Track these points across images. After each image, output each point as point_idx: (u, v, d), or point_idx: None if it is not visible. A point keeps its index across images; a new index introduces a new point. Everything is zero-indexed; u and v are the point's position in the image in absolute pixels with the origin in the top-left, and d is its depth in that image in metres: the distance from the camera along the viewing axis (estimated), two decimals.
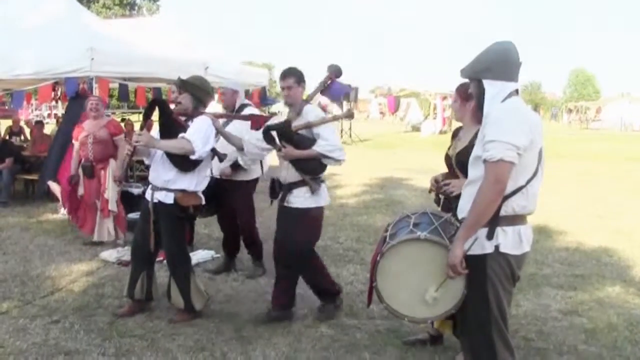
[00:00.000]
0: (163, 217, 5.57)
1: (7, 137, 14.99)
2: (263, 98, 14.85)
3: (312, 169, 5.54)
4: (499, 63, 3.54)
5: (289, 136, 5.50)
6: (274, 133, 5.58)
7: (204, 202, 5.71)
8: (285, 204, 5.65)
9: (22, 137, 15.81)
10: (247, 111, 6.83)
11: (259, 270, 7.18)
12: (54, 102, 28.67)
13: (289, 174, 5.57)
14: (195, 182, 5.57)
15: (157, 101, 5.62)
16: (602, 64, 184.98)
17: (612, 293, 6.72)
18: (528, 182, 3.46)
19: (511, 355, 3.65)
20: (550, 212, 10.32)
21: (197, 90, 5.63)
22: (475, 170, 3.56)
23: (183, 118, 5.58)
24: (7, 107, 19.68)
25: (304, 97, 5.80)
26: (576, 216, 11.01)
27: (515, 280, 3.65)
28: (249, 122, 6.47)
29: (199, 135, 5.32)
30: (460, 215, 3.67)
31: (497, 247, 3.47)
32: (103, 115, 8.47)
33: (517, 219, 3.51)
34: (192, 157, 5.29)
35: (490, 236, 3.44)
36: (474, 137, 4.42)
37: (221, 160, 5.94)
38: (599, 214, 11.31)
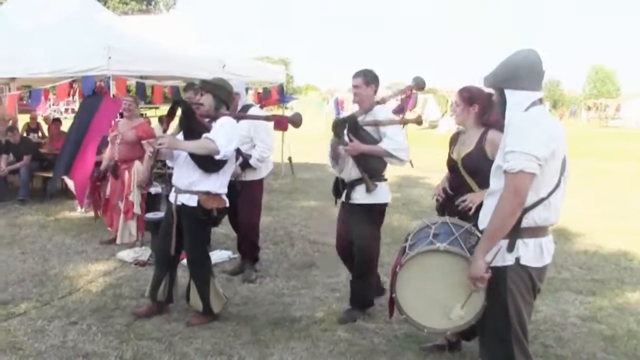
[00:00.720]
0: (186, 220, 5.56)
1: (25, 134, 15.06)
2: (281, 95, 14.79)
3: (373, 168, 5.58)
4: (521, 73, 3.48)
5: (356, 129, 5.56)
6: (342, 125, 5.66)
7: (227, 205, 5.69)
8: (350, 201, 5.71)
9: (40, 134, 15.85)
10: (251, 112, 6.82)
11: (252, 275, 7.09)
12: (71, 98, 28.85)
13: (353, 172, 5.66)
14: (219, 184, 5.54)
15: (179, 102, 5.59)
16: (622, 60, 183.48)
17: (631, 299, 6.66)
18: (550, 194, 3.41)
19: None
20: (569, 214, 10.21)
21: (219, 90, 5.62)
22: (496, 181, 3.52)
23: (206, 120, 5.56)
24: (25, 102, 19.68)
25: (378, 99, 5.82)
26: (596, 218, 10.91)
27: (536, 292, 3.61)
28: (256, 122, 6.48)
29: (222, 135, 5.29)
30: (481, 226, 3.62)
31: (517, 260, 3.44)
32: (135, 115, 8.47)
33: (538, 231, 3.47)
34: (217, 157, 5.25)
35: (510, 248, 3.40)
36: (479, 140, 4.56)
37: (246, 161, 5.94)
38: (619, 215, 11.21)
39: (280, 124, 6.13)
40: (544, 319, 5.97)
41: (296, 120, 6.00)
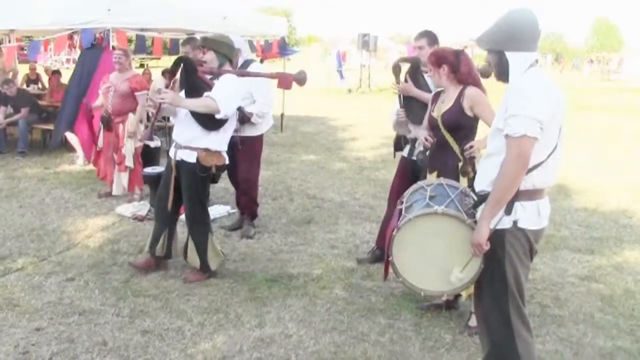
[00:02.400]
0: (185, 175, 5.53)
1: (25, 85, 14.95)
2: (282, 48, 14.63)
3: (416, 116, 5.51)
4: (520, 33, 3.39)
5: (415, 73, 5.60)
6: (402, 65, 5.72)
7: (227, 162, 5.65)
8: (412, 157, 5.65)
9: (40, 85, 15.75)
10: (252, 68, 6.72)
11: (251, 231, 7.07)
12: (71, 49, 28.62)
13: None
14: (220, 141, 5.50)
15: (182, 59, 5.51)
16: (627, 15, 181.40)
17: (630, 257, 6.66)
18: (549, 156, 3.36)
19: (527, 330, 3.59)
20: (570, 169, 10.20)
21: (221, 47, 5.57)
22: (495, 143, 3.46)
23: (209, 77, 5.49)
24: (25, 52, 19.54)
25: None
26: (596, 173, 10.89)
27: (533, 254, 3.58)
28: (258, 80, 6.40)
29: (224, 94, 5.24)
30: (477, 187, 3.58)
31: (515, 223, 3.39)
32: (128, 68, 8.36)
33: (535, 194, 3.42)
34: (218, 116, 5.21)
35: (508, 211, 3.36)
36: (458, 97, 4.73)
37: (248, 119, 5.90)
38: (621, 171, 11.18)
39: (285, 82, 6.05)
40: (542, 278, 5.96)
41: (301, 79, 5.96)
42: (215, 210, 7.71)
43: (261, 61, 12.08)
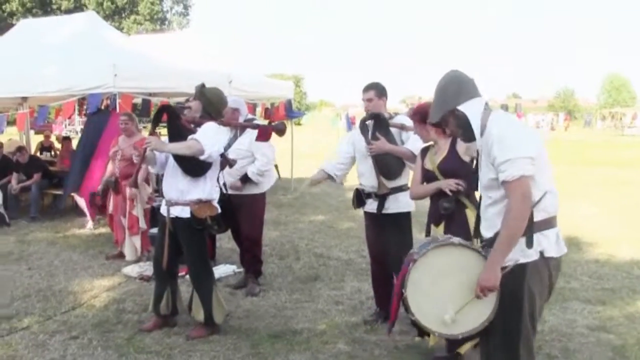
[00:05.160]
0: (182, 232, 5.56)
1: (39, 153, 15.22)
2: (289, 110, 14.80)
3: (392, 171, 5.59)
4: (458, 85, 3.54)
5: (386, 126, 5.62)
6: (369, 123, 5.69)
7: (219, 211, 5.67)
8: (384, 211, 5.72)
9: (52, 153, 16.00)
10: None
11: (256, 288, 7.05)
12: (85, 118, 29.10)
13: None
14: (208, 191, 5.53)
15: (165, 107, 5.61)
16: (637, 68, 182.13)
17: None
18: (550, 184, 3.41)
19: None
20: (580, 222, 10.15)
21: (209, 105, 5.61)
22: (493, 192, 3.49)
23: (191, 125, 5.56)
24: (43, 124, 19.96)
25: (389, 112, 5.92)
26: (607, 226, 10.78)
27: (550, 288, 3.57)
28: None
29: (207, 136, 5.28)
30: (486, 234, 3.58)
31: (542, 253, 3.39)
32: (135, 132, 8.47)
33: (552, 221, 3.44)
34: (202, 157, 5.20)
35: (529, 244, 3.35)
36: (451, 145, 4.82)
37: (231, 165, 5.95)
38: (632, 223, 11.03)
39: (264, 133, 6.14)
40: (550, 329, 5.87)
41: (280, 129, 6.05)
42: (222, 270, 7.71)
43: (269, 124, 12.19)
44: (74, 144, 13.54)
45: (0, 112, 13.70)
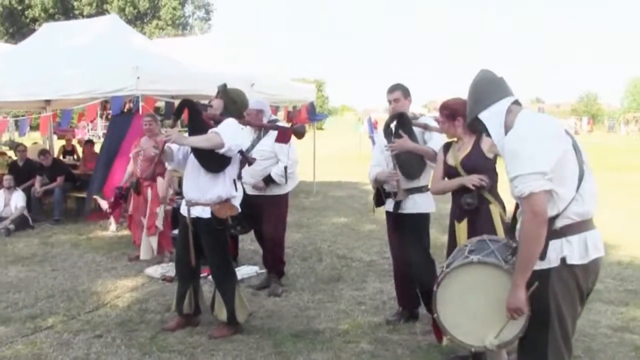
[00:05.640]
0: (204, 233, 5.59)
1: (62, 156, 15.35)
2: (311, 114, 14.81)
3: (414, 170, 5.57)
4: (478, 92, 3.49)
5: (409, 125, 5.60)
6: (393, 125, 5.68)
7: (239, 211, 5.69)
8: (400, 211, 5.72)
9: (75, 156, 16.14)
10: None
11: (278, 289, 7.07)
12: (107, 122, 29.28)
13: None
14: (228, 188, 5.56)
15: (186, 102, 5.63)
16: None
17: None
18: (578, 187, 3.28)
19: None
20: (604, 225, 9.90)
21: (231, 104, 5.65)
22: None
23: (212, 122, 5.57)
24: (65, 128, 20.12)
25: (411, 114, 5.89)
26: (630, 229, 10.69)
27: (583, 293, 3.42)
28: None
29: (227, 129, 5.30)
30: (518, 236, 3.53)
31: (563, 260, 3.27)
32: (157, 133, 8.51)
33: (580, 226, 3.30)
34: (222, 151, 5.21)
35: (542, 256, 3.25)
36: (475, 142, 4.84)
37: (250, 163, 5.97)
38: None
39: (284, 135, 6.17)
40: None
41: (300, 131, 6.10)
42: (244, 271, 7.73)
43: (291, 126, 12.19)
44: (97, 147, 13.64)
45: (23, 116, 13.91)
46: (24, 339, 5.66)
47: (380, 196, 5.88)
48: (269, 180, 6.84)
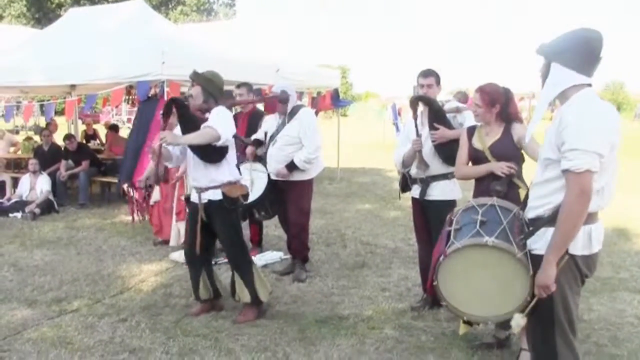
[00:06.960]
0: (217, 215, 5.61)
1: (85, 141, 15.42)
2: (335, 99, 14.75)
3: (454, 156, 5.45)
4: (573, 50, 3.27)
5: (442, 116, 5.60)
6: (420, 112, 5.69)
7: (249, 191, 5.75)
8: (426, 197, 5.73)
9: (98, 141, 16.23)
10: (301, 113, 6.88)
11: (303, 274, 7.06)
12: (131, 108, 29.44)
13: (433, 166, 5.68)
14: (233, 173, 5.64)
15: (174, 100, 5.61)
16: None
17: None
18: (606, 182, 3.27)
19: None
20: (630, 214, 9.92)
21: (208, 84, 5.60)
22: (547, 172, 3.35)
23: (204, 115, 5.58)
24: (88, 113, 20.19)
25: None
26: None
27: (583, 280, 3.46)
28: (305, 124, 6.63)
29: (219, 121, 5.30)
30: (530, 214, 3.49)
31: (566, 249, 3.28)
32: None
33: (589, 218, 3.27)
34: (219, 143, 5.23)
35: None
36: (505, 130, 4.83)
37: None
38: None
39: (271, 105, 6.27)
40: (599, 318, 5.77)
41: (283, 97, 6.46)
42: (269, 256, 7.74)
43: (316, 113, 12.15)
44: (122, 133, 13.70)
45: (49, 101, 13.99)
46: (50, 322, 5.71)
47: (407, 182, 5.86)
48: (292, 167, 6.82)
